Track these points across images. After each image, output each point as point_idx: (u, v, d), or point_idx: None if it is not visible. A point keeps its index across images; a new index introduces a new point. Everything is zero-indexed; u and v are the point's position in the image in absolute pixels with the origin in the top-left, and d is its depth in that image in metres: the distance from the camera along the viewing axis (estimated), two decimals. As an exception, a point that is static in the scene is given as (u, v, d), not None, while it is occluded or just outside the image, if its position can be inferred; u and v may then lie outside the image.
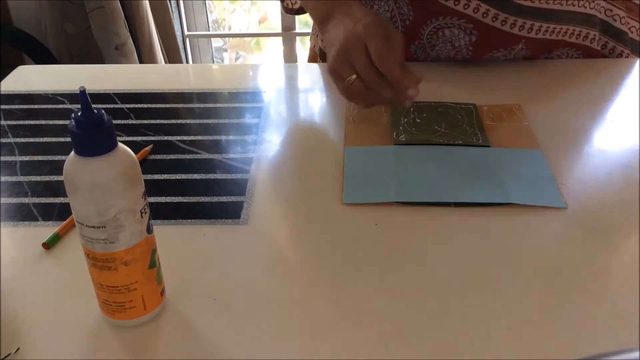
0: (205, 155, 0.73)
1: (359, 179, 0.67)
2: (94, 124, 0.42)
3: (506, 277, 0.54)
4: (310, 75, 0.93)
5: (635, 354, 0.33)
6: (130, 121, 0.80)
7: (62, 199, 0.65)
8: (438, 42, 0.87)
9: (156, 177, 0.69)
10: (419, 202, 0.63)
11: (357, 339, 0.48)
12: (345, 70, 0.70)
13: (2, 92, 0.88)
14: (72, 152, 0.43)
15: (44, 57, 1.90)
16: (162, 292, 0.51)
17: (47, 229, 0.60)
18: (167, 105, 0.84)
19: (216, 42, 2.33)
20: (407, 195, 0.63)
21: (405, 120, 0.76)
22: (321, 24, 0.79)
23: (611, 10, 0.87)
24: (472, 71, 0.89)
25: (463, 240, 0.58)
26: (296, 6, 0.95)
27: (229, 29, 2.44)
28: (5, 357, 0.47)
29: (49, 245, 0.58)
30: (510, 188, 0.64)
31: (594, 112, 0.79)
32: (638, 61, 0.90)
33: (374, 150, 0.71)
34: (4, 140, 0.77)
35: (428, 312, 0.51)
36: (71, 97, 0.86)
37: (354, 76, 0.69)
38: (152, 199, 0.65)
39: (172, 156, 0.73)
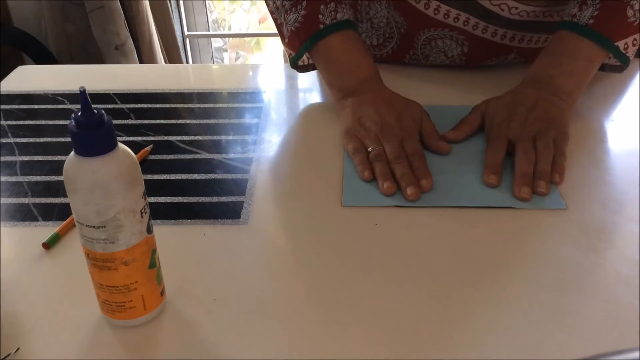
0: (205, 155, 0.73)
1: (359, 180, 0.66)
2: (94, 124, 0.42)
3: (506, 278, 0.54)
4: (310, 76, 0.93)
5: (635, 354, 0.33)
6: (130, 121, 0.80)
7: (62, 199, 0.65)
8: (432, 52, 0.88)
9: (156, 177, 0.69)
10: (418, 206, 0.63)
11: (357, 339, 0.48)
12: (369, 140, 0.70)
13: (2, 92, 0.89)
14: (72, 152, 0.43)
15: (44, 57, 1.90)
16: (162, 292, 0.51)
17: (47, 229, 0.60)
18: (167, 106, 0.84)
19: (216, 42, 2.32)
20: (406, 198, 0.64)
21: None
22: (342, 91, 0.78)
23: None
24: (468, 73, 0.89)
25: (463, 241, 0.58)
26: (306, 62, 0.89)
27: (229, 29, 2.44)
28: (5, 357, 0.47)
29: (48, 245, 0.58)
30: (510, 191, 0.64)
31: (594, 112, 0.79)
32: (638, 61, 0.90)
33: None
34: (4, 140, 0.77)
35: (428, 312, 0.51)
36: (71, 97, 0.86)
37: (380, 147, 0.69)
38: (152, 199, 0.65)
39: (172, 156, 0.73)
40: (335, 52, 0.78)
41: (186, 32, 2.13)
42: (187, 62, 2.16)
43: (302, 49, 0.79)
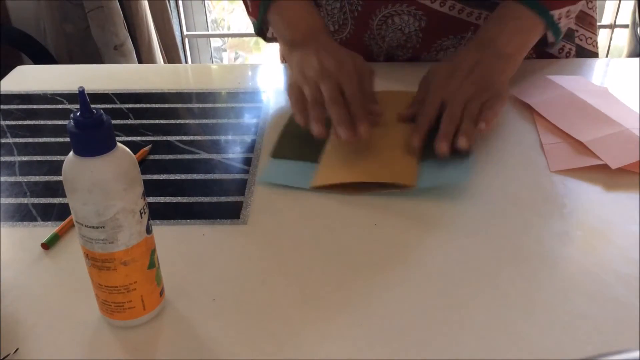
0: (205, 156, 0.73)
1: (286, 161, 0.69)
2: (93, 124, 0.42)
3: (506, 277, 0.54)
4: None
5: (635, 354, 0.33)
6: (129, 121, 0.80)
7: (61, 199, 0.65)
8: (388, 31, 0.87)
9: (155, 177, 0.69)
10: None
11: (356, 339, 0.48)
12: (307, 86, 0.70)
13: (1, 92, 0.88)
14: (71, 152, 0.43)
15: (42, 57, 1.90)
16: (162, 293, 0.51)
17: (46, 229, 0.60)
18: (166, 105, 0.84)
19: (215, 42, 2.32)
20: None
21: None
22: (291, 45, 0.79)
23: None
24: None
25: (462, 241, 0.58)
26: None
27: (228, 28, 2.44)
28: (4, 357, 0.47)
29: (47, 245, 0.58)
30: (425, 169, 0.65)
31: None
32: (639, 61, 0.90)
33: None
34: (3, 140, 0.77)
35: (428, 312, 0.50)
36: (70, 97, 0.86)
37: (318, 92, 0.68)
38: (151, 199, 0.65)
39: (171, 156, 0.73)
40: (285, 10, 0.81)
41: (185, 32, 2.13)
42: (186, 62, 2.15)
43: (260, 12, 0.82)
